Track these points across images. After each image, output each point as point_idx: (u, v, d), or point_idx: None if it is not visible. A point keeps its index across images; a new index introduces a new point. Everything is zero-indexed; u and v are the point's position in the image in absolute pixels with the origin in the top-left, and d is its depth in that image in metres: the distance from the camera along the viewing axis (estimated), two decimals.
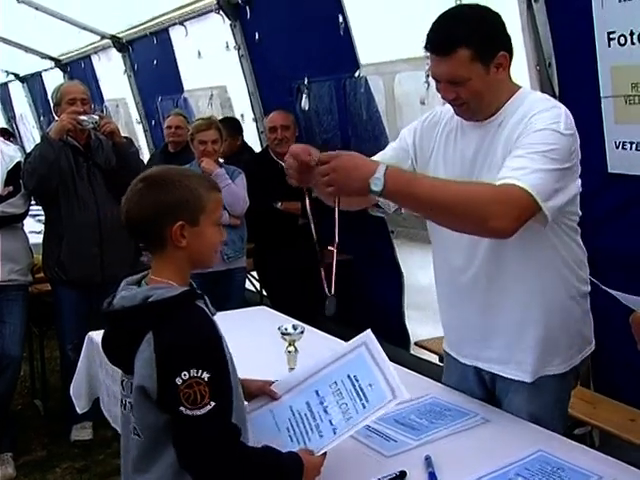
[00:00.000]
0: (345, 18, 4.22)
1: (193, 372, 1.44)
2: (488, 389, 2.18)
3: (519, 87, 2.02)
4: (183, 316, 1.51)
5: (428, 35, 1.93)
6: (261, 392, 1.85)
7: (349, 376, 1.80)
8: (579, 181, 1.95)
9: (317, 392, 1.82)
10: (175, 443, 1.49)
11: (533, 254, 1.98)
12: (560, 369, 2.07)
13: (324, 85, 4.66)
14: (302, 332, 2.20)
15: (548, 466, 1.74)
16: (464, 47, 1.86)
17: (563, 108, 1.90)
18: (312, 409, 1.79)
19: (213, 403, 1.45)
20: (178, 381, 1.43)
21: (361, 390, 1.77)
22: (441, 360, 3.56)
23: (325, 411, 1.77)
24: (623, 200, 2.80)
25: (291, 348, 2.19)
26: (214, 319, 1.57)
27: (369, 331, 1.88)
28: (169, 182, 1.60)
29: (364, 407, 1.72)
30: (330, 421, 1.74)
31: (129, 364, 1.53)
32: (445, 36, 1.89)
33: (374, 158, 2.12)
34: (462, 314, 2.14)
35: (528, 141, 1.85)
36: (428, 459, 1.77)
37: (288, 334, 2.19)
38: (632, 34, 2.52)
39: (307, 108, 4.75)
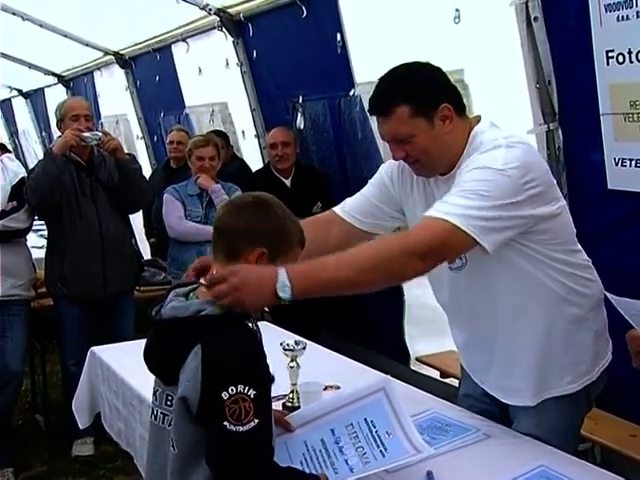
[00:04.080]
0: (343, 37, 4.25)
1: (240, 388, 1.44)
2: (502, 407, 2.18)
3: (470, 130, 1.97)
4: (232, 332, 1.52)
5: (370, 98, 1.97)
6: (276, 422, 1.76)
7: (366, 420, 1.81)
8: (552, 208, 1.92)
9: (333, 431, 1.82)
10: (212, 457, 1.48)
11: (517, 285, 1.98)
12: (567, 390, 2.06)
13: (319, 103, 4.69)
14: (304, 348, 2.20)
15: None
16: (402, 104, 1.89)
17: (504, 147, 1.86)
18: (327, 447, 1.79)
19: (257, 420, 1.45)
20: (224, 395, 1.43)
21: (379, 437, 1.78)
22: (442, 376, 3.57)
23: (341, 451, 1.77)
24: (623, 216, 2.82)
25: (293, 364, 2.19)
26: (260, 338, 1.58)
27: (389, 378, 1.89)
28: (279, 213, 1.64)
29: (383, 455, 1.74)
30: (346, 461, 1.75)
31: (170, 375, 1.54)
32: (382, 96, 1.93)
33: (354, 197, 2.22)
34: (465, 341, 2.19)
35: (460, 179, 1.86)
36: (430, 475, 1.78)
37: (290, 350, 2.19)
38: (630, 52, 2.54)
39: (302, 126, 4.79)
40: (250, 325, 1.58)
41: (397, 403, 1.82)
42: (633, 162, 2.70)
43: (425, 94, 1.91)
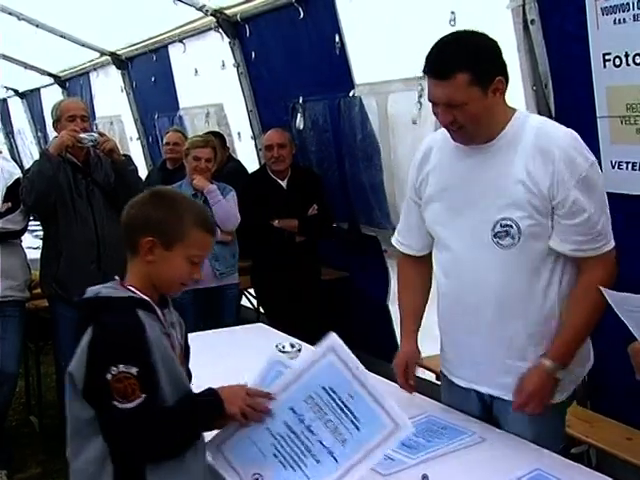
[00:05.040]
0: (342, 38, 4.27)
1: (122, 367, 1.55)
2: (488, 406, 2.17)
3: (514, 110, 2.04)
4: (116, 316, 1.62)
5: (427, 59, 1.96)
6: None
7: (324, 388, 1.72)
8: None
9: (293, 409, 1.74)
10: (108, 434, 1.58)
11: (535, 281, 2.00)
12: (562, 398, 2.09)
13: (319, 104, 4.70)
14: (299, 350, 2.20)
15: None
16: (463, 71, 1.89)
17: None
18: (294, 430, 1.73)
19: (144, 395, 1.56)
20: (108, 376, 1.54)
21: (342, 403, 1.70)
22: (438, 378, 3.56)
23: (310, 431, 1.72)
24: (620, 220, 2.81)
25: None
26: (148, 325, 1.63)
27: (334, 335, 1.78)
28: (166, 201, 1.73)
29: (357, 429, 1.69)
30: (321, 443, 1.70)
31: None
32: (445, 60, 1.92)
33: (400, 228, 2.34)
34: (464, 336, 2.14)
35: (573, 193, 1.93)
36: (425, 478, 1.77)
37: (285, 352, 2.19)
38: (627, 55, 2.55)
39: (302, 127, 4.79)
40: (141, 314, 1.64)
41: (352, 361, 1.73)
42: (630, 165, 2.70)
43: (485, 65, 1.92)
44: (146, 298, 1.69)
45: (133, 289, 1.70)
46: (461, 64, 1.89)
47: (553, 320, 2.03)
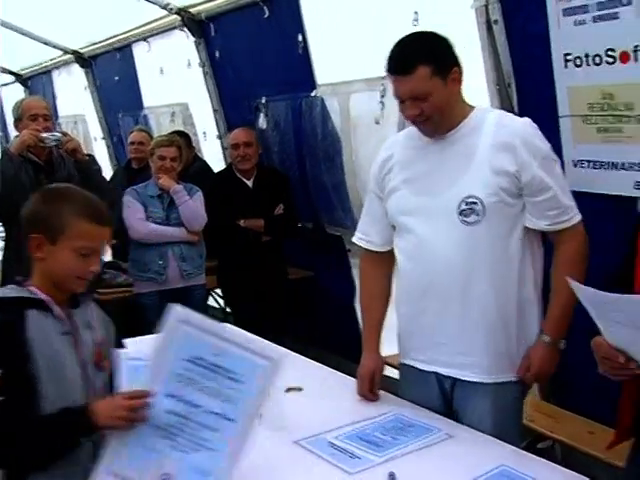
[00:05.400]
0: (305, 38, 4.27)
1: None
2: (448, 396, 2.22)
3: (474, 107, 2.18)
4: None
5: (390, 58, 2.09)
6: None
7: (189, 360, 1.60)
8: None
9: (170, 395, 1.60)
10: None
11: (501, 258, 2.10)
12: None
13: (281, 104, 4.70)
14: None
15: None
16: (424, 64, 2.02)
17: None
18: (180, 413, 1.59)
19: (1, 398, 1.53)
20: None
21: (211, 365, 1.60)
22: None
23: (195, 406, 1.60)
24: (582, 217, 2.86)
25: None
26: (35, 326, 1.61)
27: (174, 307, 1.61)
28: (50, 196, 1.75)
29: (233, 379, 1.59)
30: (211, 412, 1.59)
31: None
32: (406, 56, 2.06)
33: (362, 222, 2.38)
34: (429, 317, 2.18)
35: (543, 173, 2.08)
36: (392, 476, 1.78)
37: None
38: (587, 56, 2.59)
39: (265, 127, 4.79)
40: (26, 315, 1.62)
41: (202, 321, 1.61)
42: (591, 164, 2.75)
43: (442, 56, 2.07)
44: (43, 297, 1.66)
45: (34, 289, 1.67)
46: (421, 58, 2.02)
47: (520, 296, 2.12)
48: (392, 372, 3.65)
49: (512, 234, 2.09)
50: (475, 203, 2.06)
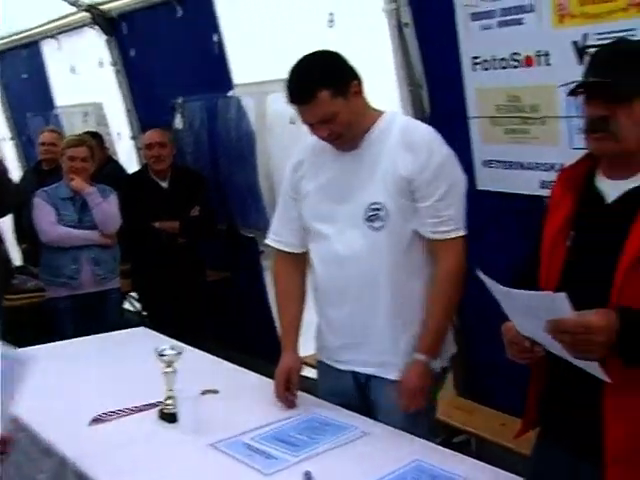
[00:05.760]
0: (220, 38, 4.25)
1: None
2: (364, 389, 2.25)
3: (383, 112, 2.20)
4: None
5: (288, 88, 2.11)
6: None
7: None
8: None
9: None
10: None
11: (406, 263, 2.14)
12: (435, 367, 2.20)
13: (197, 104, 4.68)
14: (180, 353, 2.16)
15: (423, 474, 1.79)
16: (322, 88, 2.04)
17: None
18: None
19: None
20: None
21: None
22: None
23: None
24: (490, 216, 2.95)
25: (169, 369, 2.14)
26: None
27: None
28: None
29: None
30: None
31: None
32: (303, 86, 2.08)
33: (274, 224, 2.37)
34: (344, 318, 2.22)
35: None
36: (308, 475, 1.79)
37: (164, 355, 2.14)
38: (494, 59, 2.67)
39: (181, 127, 4.74)
40: None
41: None
42: (500, 164, 2.83)
43: (339, 74, 2.09)
44: None
45: None
46: (318, 83, 2.05)
47: (422, 302, 2.16)
48: (311, 372, 3.68)
49: (416, 237, 2.14)
50: (379, 209, 2.10)
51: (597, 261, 1.63)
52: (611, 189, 1.67)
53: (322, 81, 2.04)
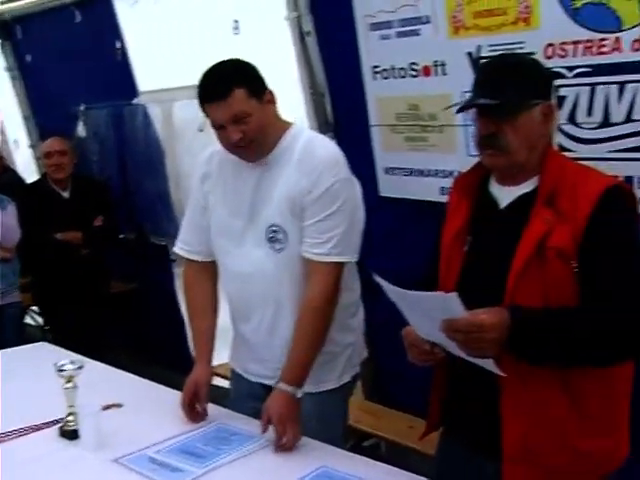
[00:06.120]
0: (123, 45, 4.18)
1: None
2: None
3: (290, 124, 2.17)
4: None
5: (202, 87, 2.07)
6: None
7: None
8: None
9: None
10: None
11: (306, 282, 2.10)
12: (346, 378, 2.24)
13: (102, 112, 4.60)
14: (81, 367, 2.09)
15: None
16: (239, 86, 2.00)
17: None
18: None
19: None
20: None
21: None
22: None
23: None
24: (393, 222, 3.01)
25: (69, 385, 2.07)
26: None
27: None
28: None
29: None
30: None
31: None
32: (221, 81, 2.03)
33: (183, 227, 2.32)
34: (251, 335, 2.23)
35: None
36: None
37: (64, 370, 2.07)
38: (393, 69, 2.73)
39: (84, 135, 4.64)
40: None
41: None
42: (401, 171, 2.89)
43: (254, 79, 2.06)
44: None
45: None
46: (235, 81, 2.01)
47: (336, 314, 2.13)
48: (223, 381, 3.65)
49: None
50: (278, 232, 2.08)
51: (491, 265, 1.69)
52: (504, 195, 1.74)
53: (238, 79, 2.01)
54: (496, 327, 1.51)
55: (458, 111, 1.76)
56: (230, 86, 1.99)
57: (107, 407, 2.21)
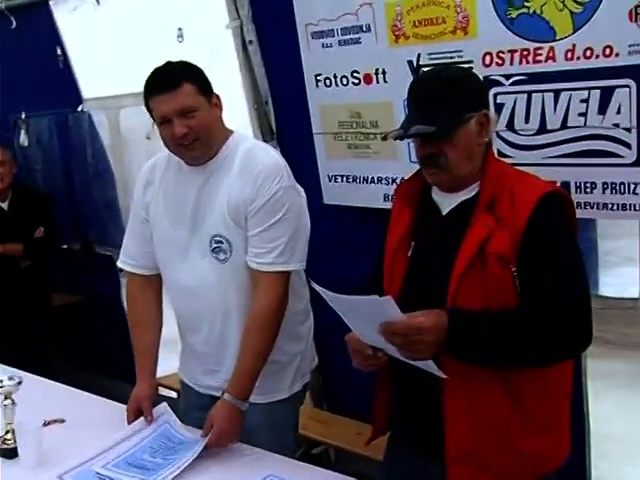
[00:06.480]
0: (64, 51, 4.12)
1: None
2: None
3: (232, 131, 2.17)
4: None
5: (152, 79, 2.06)
6: None
7: None
8: None
9: None
10: None
11: (251, 295, 2.09)
12: (296, 388, 2.24)
13: (44, 120, 4.51)
14: (19, 383, 2.04)
15: None
16: (188, 81, 2.02)
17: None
18: None
19: None
20: None
21: None
22: (179, 395, 3.53)
23: None
24: (337, 229, 3.02)
25: (7, 401, 2.01)
26: None
27: None
28: None
29: None
30: None
31: None
32: (171, 74, 2.05)
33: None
34: (198, 346, 2.21)
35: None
36: None
37: (1, 386, 2.01)
38: (335, 77, 2.74)
39: (27, 144, 4.55)
40: None
41: None
42: (344, 178, 2.91)
43: (204, 79, 2.09)
44: None
45: None
46: (186, 75, 2.03)
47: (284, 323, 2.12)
48: (170, 393, 3.60)
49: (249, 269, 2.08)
50: (221, 242, 2.07)
51: (434, 270, 1.71)
52: (446, 201, 1.78)
53: (188, 75, 2.03)
54: (433, 329, 1.53)
55: (396, 139, 1.79)
56: (179, 80, 2.01)
57: (48, 423, 2.17)
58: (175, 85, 1.99)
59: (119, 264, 2.34)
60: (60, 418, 2.24)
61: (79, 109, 4.28)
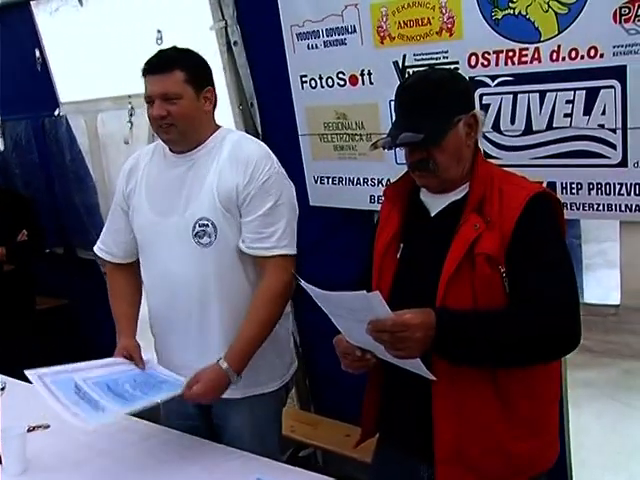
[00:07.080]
0: (43, 54, 4.09)
1: None
2: (208, 416, 2.24)
3: (220, 127, 2.22)
4: None
5: (151, 58, 2.12)
6: None
7: None
8: None
9: None
10: None
11: (235, 279, 2.14)
12: (274, 386, 2.23)
13: (21, 124, 4.49)
14: (3, 388, 2.02)
15: None
16: (180, 69, 2.08)
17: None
18: None
19: None
20: None
21: None
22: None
23: None
24: (323, 231, 3.01)
25: None
26: None
27: None
28: None
29: None
30: None
31: None
32: (165, 58, 2.11)
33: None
34: (176, 337, 2.20)
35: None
36: None
37: None
38: (321, 78, 2.74)
39: (3, 148, 4.55)
40: None
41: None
42: (330, 180, 2.90)
43: (200, 71, 2.15)
44: None
45: None
46: (179, 63, 2.09)
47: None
48: None
49: (242, 256, 2.12)
50: (207, 225, 2.09)
51: (423, 271, 1.72)
52: (435, 202, 1.78)
53: (183, 63, 2.08)
54: (421, 326, 1.53)
55: (385, 148, 1.82)
56: (172, 65, 2.07)
57: (33, 429, 2.15)
58: (166, 69, 2.07)
59: (95, 249, 2.41)
60: (45, 424, 2.22)
61: (56, 113, 4.26)
